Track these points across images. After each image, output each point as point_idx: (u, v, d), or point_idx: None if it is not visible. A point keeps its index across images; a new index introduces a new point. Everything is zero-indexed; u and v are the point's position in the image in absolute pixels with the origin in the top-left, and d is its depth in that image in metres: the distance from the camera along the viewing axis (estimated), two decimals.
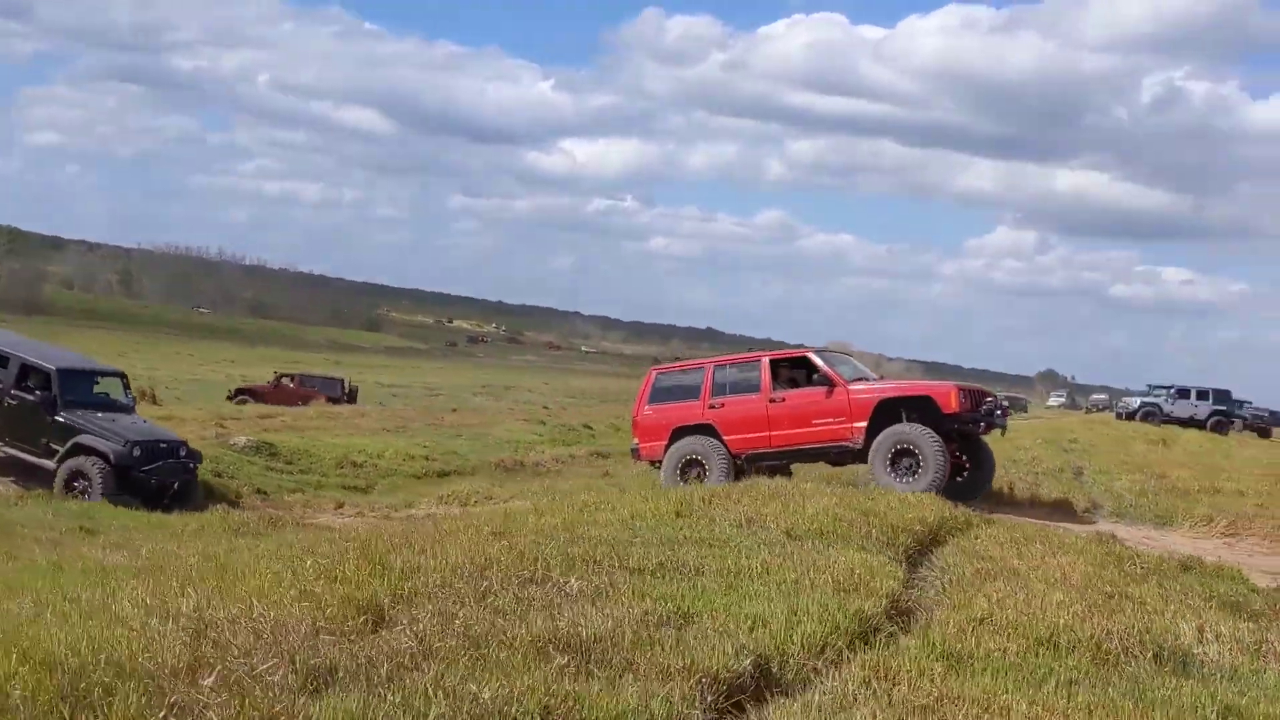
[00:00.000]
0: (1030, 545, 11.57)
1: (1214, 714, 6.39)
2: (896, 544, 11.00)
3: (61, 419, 18.43)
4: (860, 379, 17.73)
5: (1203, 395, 52.65)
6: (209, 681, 5.02)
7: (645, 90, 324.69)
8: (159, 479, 18.49)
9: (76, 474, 17.96)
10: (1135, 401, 55.23)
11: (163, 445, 18.91)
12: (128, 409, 19.75)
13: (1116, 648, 7.54)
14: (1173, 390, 53.60)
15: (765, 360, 17.83)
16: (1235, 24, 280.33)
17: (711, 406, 17.75)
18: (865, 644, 7.13)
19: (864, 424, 16.60)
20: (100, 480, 17.78)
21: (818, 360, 17.52)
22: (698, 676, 5.85)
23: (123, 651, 5.52)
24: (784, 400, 17.37)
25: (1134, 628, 8.02)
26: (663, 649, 6.21)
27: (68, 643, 5.61)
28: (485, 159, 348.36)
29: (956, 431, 16.68)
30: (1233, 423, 51.78)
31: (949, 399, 16.39)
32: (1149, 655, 7.57)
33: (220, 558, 9.77)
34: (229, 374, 54.14)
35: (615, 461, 33.95)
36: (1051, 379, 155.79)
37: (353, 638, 6.37)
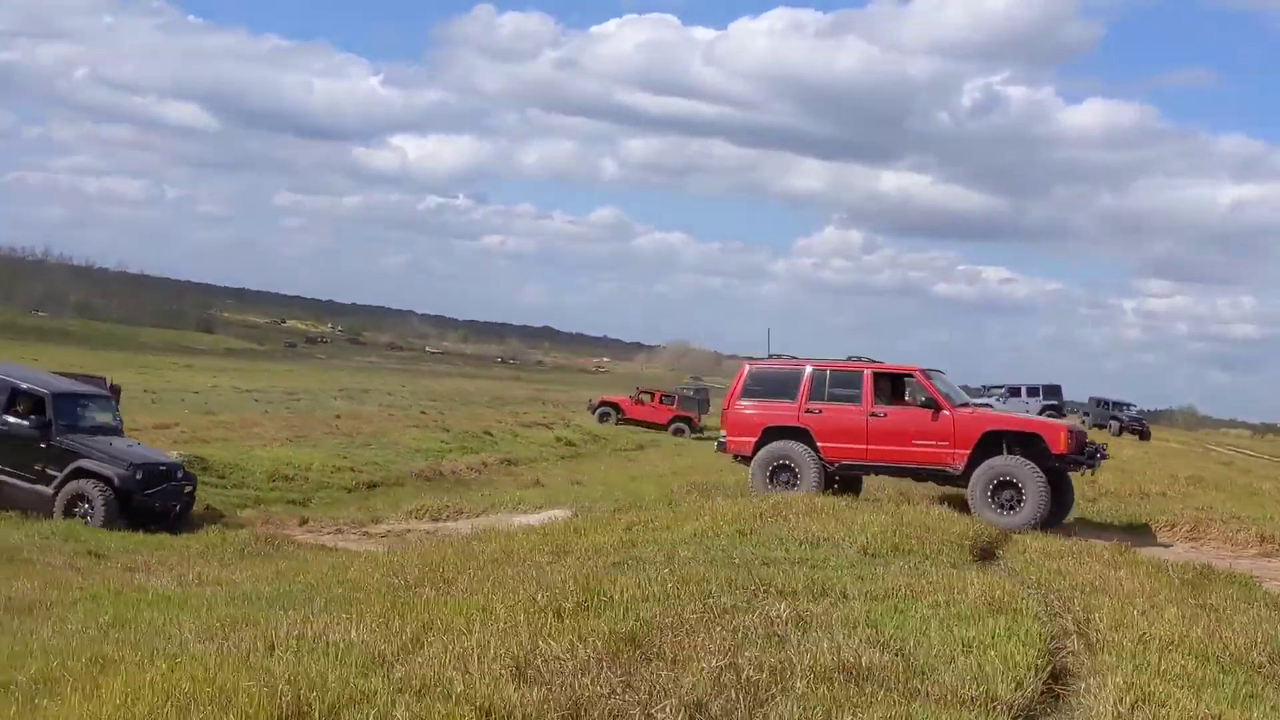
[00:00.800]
0: (1081, 559, 12.37)
1: None
2: (963, 559, 11.69)
3: (58, 444, 18.13)
4: (964, 404, 17.93)
5: (1033, 392, 54.67)
6: None
7: (477, 87, 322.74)
8: (161, 503, 18.34)
9: (78, 498, 17.70)
10: (971, 405, 56.85)
11: (162, 468, 18.76)
12: (118, 431, 19.49)
13: (1261, 661, 8.27)
14: (1004, 390, 55.53)
15: (868, 372, 17.69)
16: (1051, 31, 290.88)
17: (808, 411, 17.60)
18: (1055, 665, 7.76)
19: (967, 452, 16.74)
20: (103, 504, 17.56)
21: (925, 381, 17.56)
22: (995, 703, 6.37)
23: (506, 696, 5.83)
24: (885, 416, 17.37)
25: (1254, 640, 8.77)
26: (948, 674, 6.72)
27: (457, 687, 5.90)
28: (313, 155, 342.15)
29: (1057, 469, 16.88)
30: (1064, 416, 54.08)
31: (1059, 440, 16.70)
32: None
33: (380, 588, 9.92)
34: None
35: (527, 468, 34.28)
36: None
37: (632, 669, 6.74)
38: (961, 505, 16.60)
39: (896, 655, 7.18)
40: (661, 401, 55.25)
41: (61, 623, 10.71)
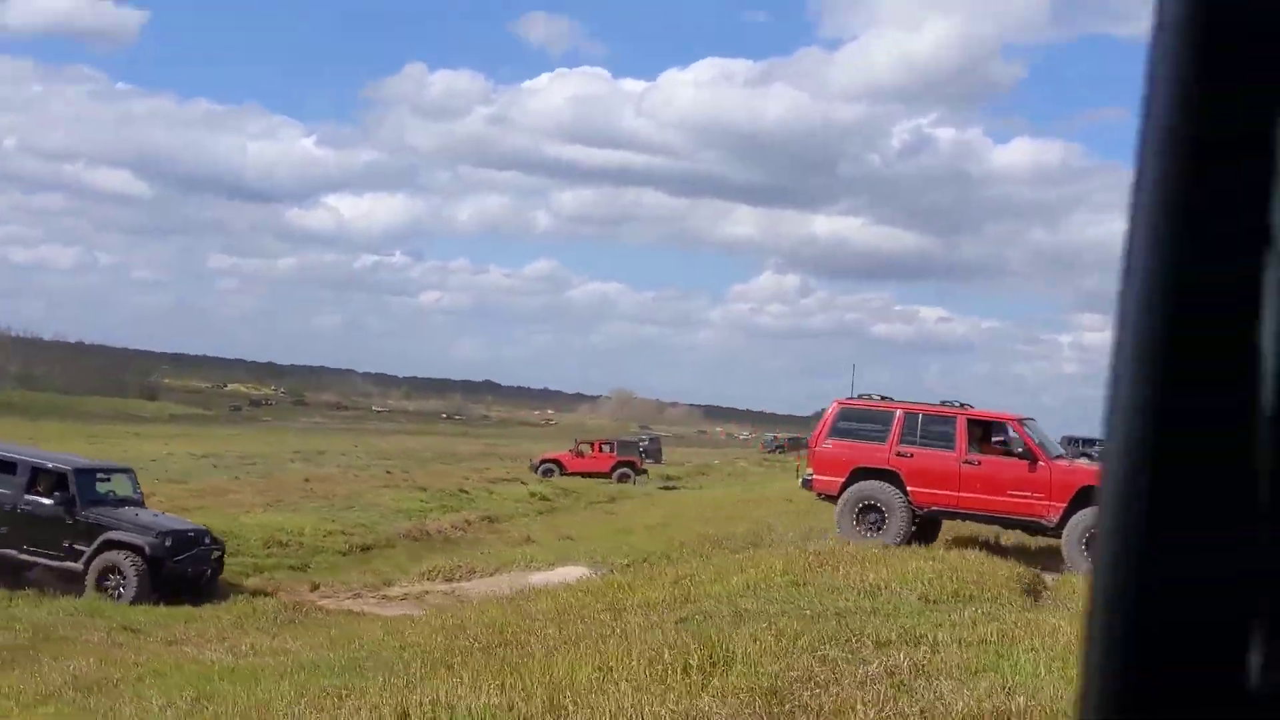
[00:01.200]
0: None
1: None
2: (1027, 601, 12.00)
3: (85, 518, 18.11)
4: (1059, 456, 17.81)
5: None
6: None
7: (410, 145, 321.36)
8: (193, 568, 18.41)
9: (109, 570, 17.70)
10: None
11: (190, 534, 18.86)
12: (139, 503, 19.51)
13: None
14: None
15: (962, 419, 17.52)
16: (977, 72, 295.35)
17: (899, 454, 17.37)
18: None
19: (1063, 505, 16.44)
20: (136, 575, 17.57)
21: (1022, 431, 17.45)
22: None
23: None
24: (979, 464, 17.19)
25: None
26: None
27: None
28: (248, 218, 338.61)
29: None
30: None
31: None
32: None
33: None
34: None
35: (510, 525, 34.35)
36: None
37: None
38: (985, 547, 16.92)
39: (1031, 699, 7.42)
40: (602, 450, 55.48)
41: (140, 700, 10.78)
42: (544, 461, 54.63)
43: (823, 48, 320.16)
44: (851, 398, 18.69)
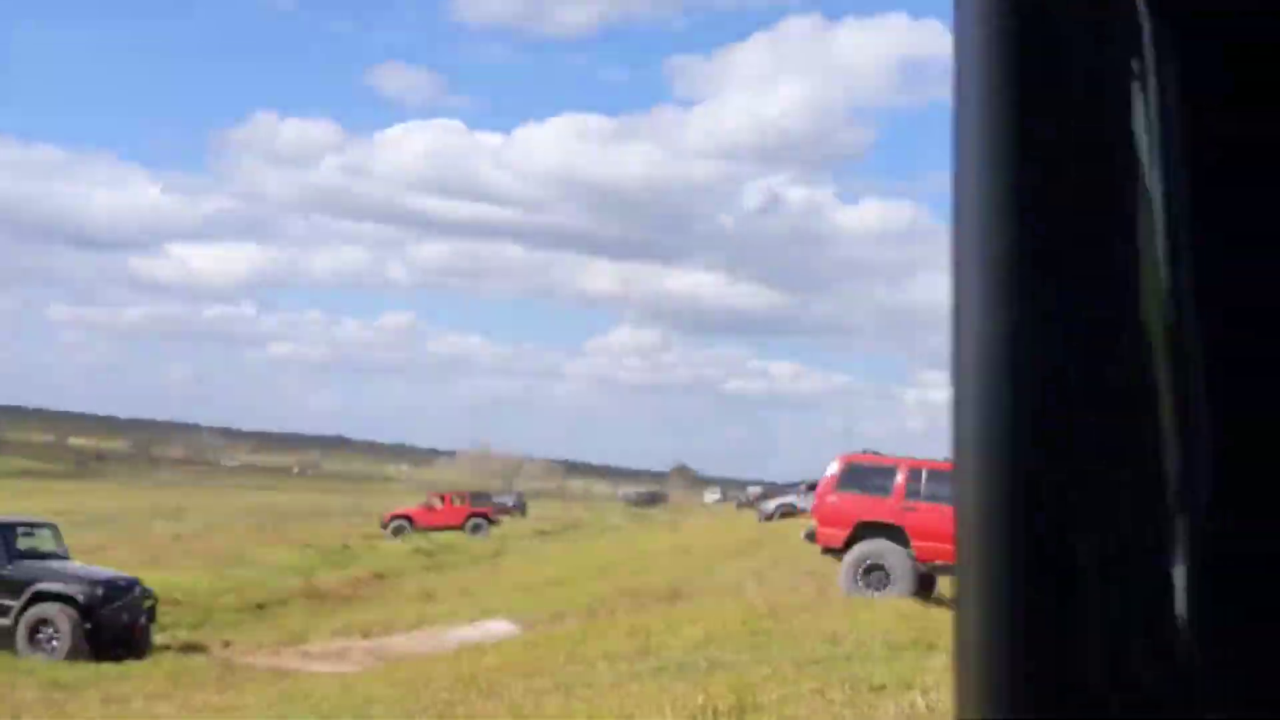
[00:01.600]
0: None
1: None
2: None
3: (10, 572, 17.66)
4: None
5: None
6: None
7: (261, 194, 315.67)
8: (128, 615, 18.10)
9: (41, 622, 17.32)
10: (772, 504, 56.13)
11: (122, 584, 18.66)
12: (65, 557, 19.08)
13: None
14: (803, 486, 54.51)
15: None
16: (827, 134, 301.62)
17: (905, 509, 17.47)
18: None
19: None
20: (69, 626, 17.25)
21: None
22: None
23: None
24: None
25: None
26: None
27: None
28: (91, 267, 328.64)
29: None
30: None
31: None
32: None
33: None
34: None
35: (402, 581, 34.13)
36: (684, 473, 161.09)
37: None
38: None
39: None
40: (454, 503, 54.92)
41: None
42: (394, 518, 53.59)
43: (678, 106, 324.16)
44: (856, 453, 18.91)
